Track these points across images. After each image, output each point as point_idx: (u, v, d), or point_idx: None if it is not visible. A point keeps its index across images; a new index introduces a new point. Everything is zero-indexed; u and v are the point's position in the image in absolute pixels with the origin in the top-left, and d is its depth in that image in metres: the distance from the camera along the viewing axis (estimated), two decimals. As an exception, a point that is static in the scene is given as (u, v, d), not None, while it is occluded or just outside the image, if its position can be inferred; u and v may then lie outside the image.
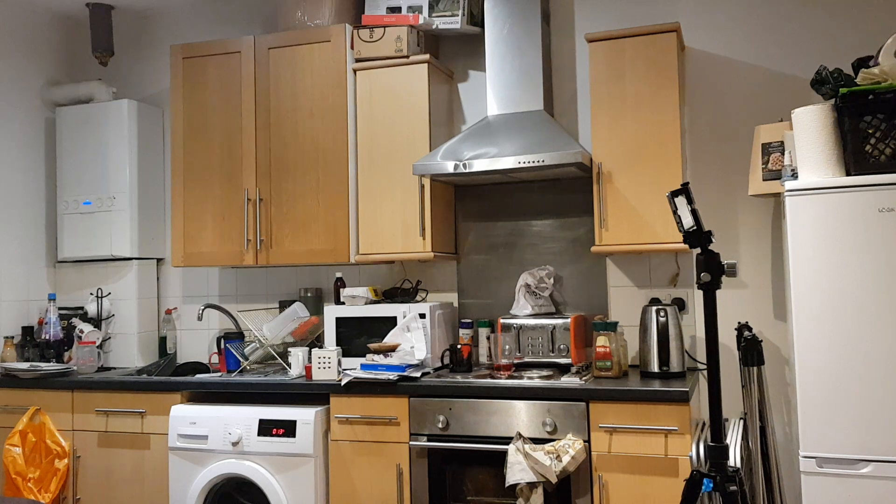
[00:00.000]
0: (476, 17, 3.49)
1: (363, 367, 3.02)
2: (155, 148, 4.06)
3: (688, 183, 2.02)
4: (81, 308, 3.89)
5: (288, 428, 2.99)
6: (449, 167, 3.06)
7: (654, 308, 3.01)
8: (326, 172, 3.40)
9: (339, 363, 3.13)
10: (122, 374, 3.58)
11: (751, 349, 2.73)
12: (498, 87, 3.28)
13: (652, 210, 2.97)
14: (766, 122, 3.08)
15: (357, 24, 3.49)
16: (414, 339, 3.17)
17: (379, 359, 3.04)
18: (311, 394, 3.12)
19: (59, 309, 3.86)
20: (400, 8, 3.44)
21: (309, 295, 3.68)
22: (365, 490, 2.95)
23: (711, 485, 1.97)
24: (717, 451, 1.99)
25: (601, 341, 2.98)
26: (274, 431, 3.01)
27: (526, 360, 3.14)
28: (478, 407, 2.84)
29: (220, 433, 3.07)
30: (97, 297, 3.87)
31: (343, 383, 2.99)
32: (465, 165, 3.03)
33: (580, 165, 2.96)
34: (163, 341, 3.97)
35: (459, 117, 3.65)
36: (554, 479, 2.60)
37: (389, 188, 3.35)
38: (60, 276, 4.05)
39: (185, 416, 3.14)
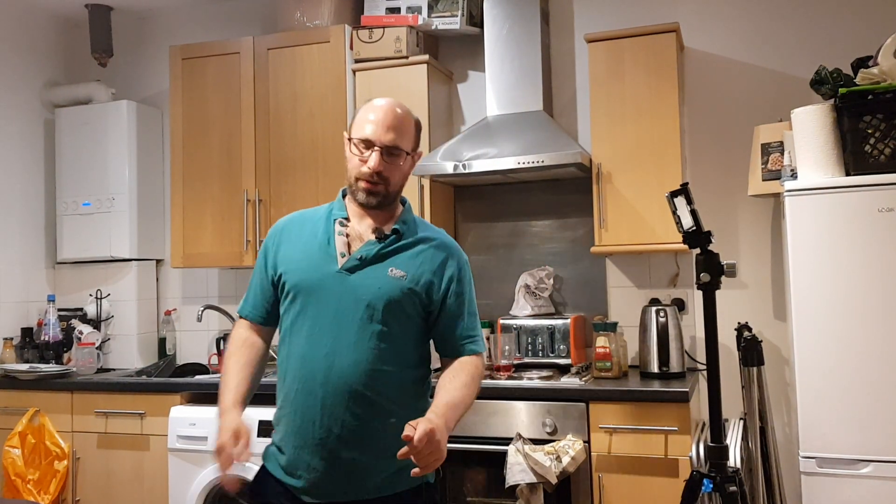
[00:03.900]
0: (475, 18, 3.49)
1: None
2: (154, 149, 4.06)
3: (687, 183, 2.02)
4: (81, 309, 3.89)
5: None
6: (448, 168, 3.06)
7: (653, 308, 3.01)
8: (326, 173, 3.40)
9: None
10: (122, 376, 3.58)
11: (750, 349, 2.72)
12: (497, 87, 3.28)
13: (651, 210, 2.97)
14: (765, 122, 3.07)
15: (356, 25, 3.49)
16: (413, 339, 3.16)
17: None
18: (311, 395, 3.11)
19: (59, 310, 3.85)
20: (399, 8, 3.44)
21: (308, 296, 3.67)
22: (365, 491, 2.95)
23: (711, 485, 1.97)
24: (717, 451, 1.99)
25: (601, 342, 2.97)
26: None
27: (526, 360, 3.14)
28: (477, 407, 2.83)
29: (219, 434, 3.07)
30: (96, 298, 3.87)
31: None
32: (464, 166, 3.03)
33: (580, 166, 2.96)
34: (162, 342, 3.97)
35: (459, 118, 3.65)
36: (554, 480, 2.60)
37: (389, 189, 3.34)
38: (60, 278, 4.04)
39: (185, 418, 3.13)
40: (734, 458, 2.58)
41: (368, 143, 1.75)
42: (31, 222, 4.00)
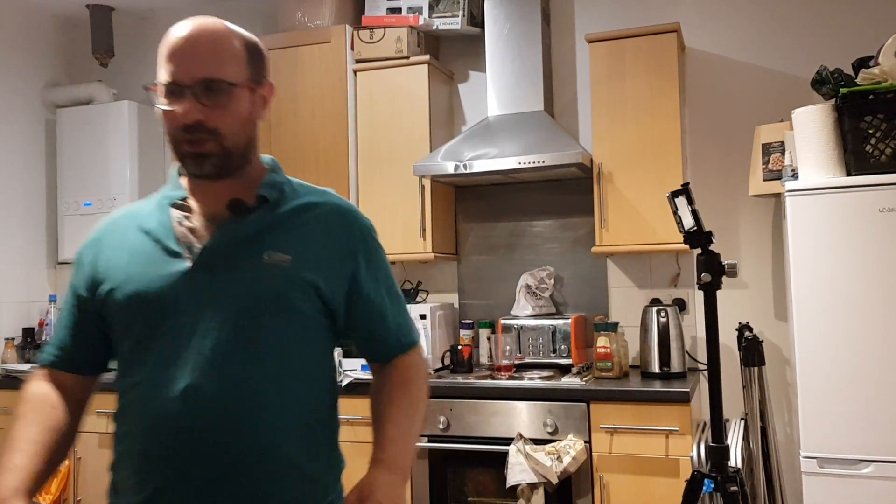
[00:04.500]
0: (476, 18, 3.49)
1: (364, 367, 3.01)
2: (155, 149, 4.06)
3: (688, 183, 2.02)
4: (82, 309, 3.88)
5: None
6: (449, 168, 3.06)
7: (654, 308, 3.01)
8: (327, 173, 3.40)
9: (340, 364, 3.13)
10: (123, 376, 3.57)
11: (751, 349, 2.72)
12: (498, 87, 3.28)
13: (652, 210, 2.97)
14: (766, 122, 3.07)
15: (357, 25, 3.49)
16: (414, 339, 3.16)
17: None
18: (312, 395, 3.11)
19: (60, 310, 3.85)
20: (400, 9, 3.44)
21: (309, 296, 3.67)
22: (366, 491, 2.95)
23: (712, 485, 1.97)
24: (718, 451, 1.99)
25: (602, 342, 2.97)
26: (274, 432, 2.98)
27: (527, 360, 3.14)
28: (478, 408, 2.83)
29: (220, 434, 3.06)
30: (98, 298, 3.87)
31: (344, 384, 2.99)
32: (465, 166, 3.03)
33: (580, 166, 2.96)
34: (163, 342, 3.97)
35: (460, 118, 3.65)
36: (555, 480, 2.60)
37: (390, 189, 3.35)
38: (61, 278, 4.05)
39: (186, 418, 3.13)
40: (735, 459, 2.58)
41: (176, 88, 1.21)
42: (32, 222, 4.00)
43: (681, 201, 1.99)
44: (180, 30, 1.23)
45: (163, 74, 1.22)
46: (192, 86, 1.19)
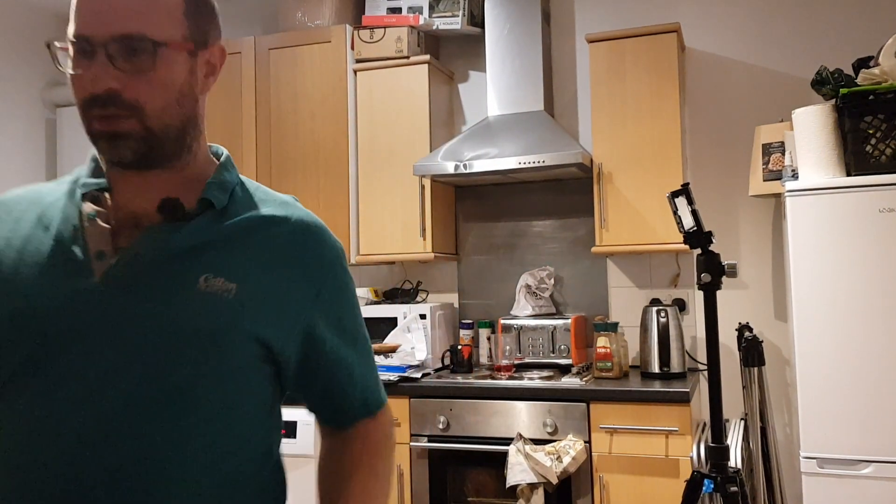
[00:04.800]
0: (476, 18, 3.49)
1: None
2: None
3: (688, 183, 2.02)
4: (82, 309, 3.88)
5: (288, 429, 2.99)
6: (449, 168, 3.06)
7: (654, 308, 3.01)
8: (327, 173, 3.40)
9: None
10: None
11: (751, 350, 2.72)
12: (498, 87, 3.28)
13: (652, 210, 2.97)
14: (766, 122, 3.07)
15: (357, 25, 3.49)
16: (414, 339, 3.17)
17: (379, 360, 3.04)
18: (312, 394, 3.12)
19: (60, 310, 3.85)
20: (400, 8, 3.45)
21: (309, 296, 3.67)
22: (365, 491, 2.95)
23: (712, 485, 1.97)
24: (718, 451, 1.99)
25: (602, 342, 2.97)
26: (274, 432, 2.98)
27: (526, 360, 3.14)
28: (478, 407, 2.84)
29: (220, 434, 3.06)
30: (98, 297, 3.87)
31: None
32: (465, 166, 3.03)
33: (580, 166, 2.96)
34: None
35: (460, 118, 3.65)
36: (555, 480, 2.60)
37: (390, 189, 3.35)
38: (61, 277, 4.05)
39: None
40: (735, 459, 2.58)
41: (86, 45, 0.90)
42: (32, 222, 4.00)
43: (681, 201, 1.99)
44: None
45: (70, 27, 0.91)
46: (105, 44, 0.88)
